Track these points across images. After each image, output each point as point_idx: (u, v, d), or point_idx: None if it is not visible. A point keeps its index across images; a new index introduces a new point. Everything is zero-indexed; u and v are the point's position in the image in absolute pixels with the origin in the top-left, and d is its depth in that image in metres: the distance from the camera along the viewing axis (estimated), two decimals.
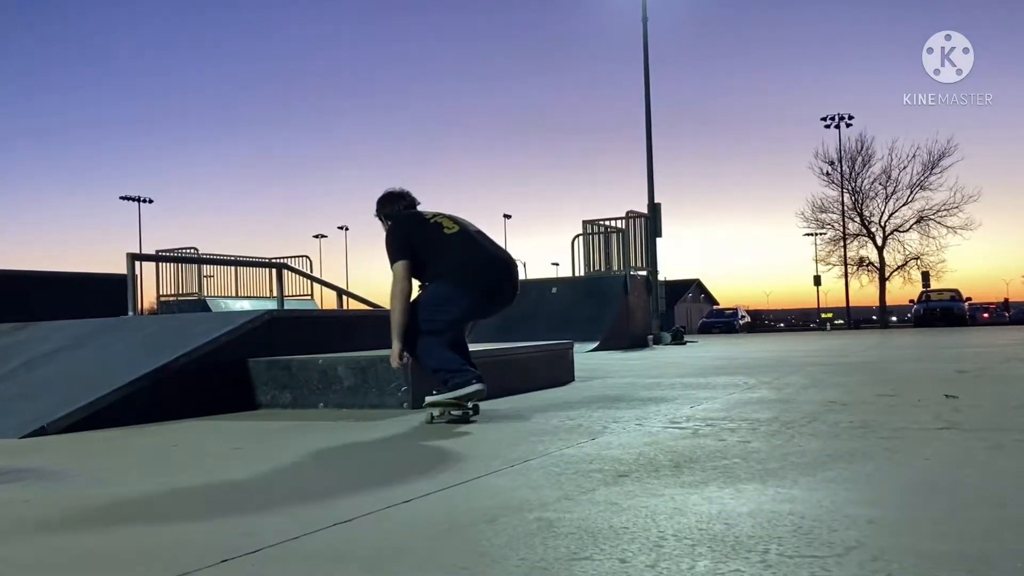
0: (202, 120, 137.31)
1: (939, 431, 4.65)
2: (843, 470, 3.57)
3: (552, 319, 18.77)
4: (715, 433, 4.81)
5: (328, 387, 7.00)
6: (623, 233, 21.85)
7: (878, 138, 63.88)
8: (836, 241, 60.85)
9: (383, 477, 3.83)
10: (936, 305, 46.52)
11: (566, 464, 3.94)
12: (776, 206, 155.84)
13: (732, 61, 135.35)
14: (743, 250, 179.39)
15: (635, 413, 5.97)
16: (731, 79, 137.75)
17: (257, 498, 3.46)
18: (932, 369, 9.54)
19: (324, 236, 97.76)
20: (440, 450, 4.61)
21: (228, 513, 3.19)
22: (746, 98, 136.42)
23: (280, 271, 18.25)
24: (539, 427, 5.37)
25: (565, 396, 7.55)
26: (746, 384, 8.10)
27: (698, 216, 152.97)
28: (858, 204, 60.16)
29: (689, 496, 3.15)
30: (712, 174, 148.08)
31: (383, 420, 6.07)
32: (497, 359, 7.89)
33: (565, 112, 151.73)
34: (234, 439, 5.35)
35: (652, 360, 13.92)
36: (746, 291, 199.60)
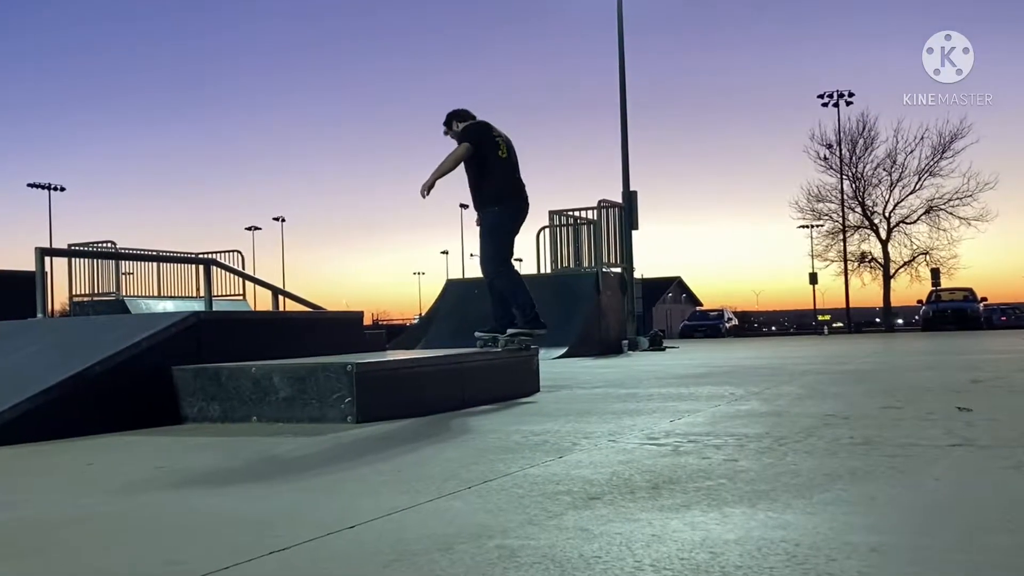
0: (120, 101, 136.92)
1: (951, 448, 4.66)
2: (842, 492, 3.56)
3: None
4: (698, 450, 4.81)
5: (262, 398, 6.95)
6: (595, 225, 21.87)
7: (882, 118, 63.87)
8: (835, 234, 61.03)
9: (324, 499, 3.79)
10: (947, 306, 46.46)
11: (530, 485, 3.92)
12: (767, 195, 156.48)
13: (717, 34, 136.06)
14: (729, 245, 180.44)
15: (608, 428, 5.95)
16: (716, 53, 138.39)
17: (182, 522, 3.42)
18: (943, 378, 9.58)
19: (258, 228, 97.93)
20: (388, 469, 4.58)
21: (150, 540, 3.15)
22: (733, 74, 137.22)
23: (208, 268, 18.10)
24: (500, 443, 5.34)
25: (529, 408, 7.53)
26: (733, 395, 8.11)
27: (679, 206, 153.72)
28: (859, 192, 60.33)
29: (669, 521, 3.13)
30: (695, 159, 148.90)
31: (324, 435, 6.02)
32: (451, 367, 7.86)
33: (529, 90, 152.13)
34: (156, 457, 5.29)
35: (627, 368, 13.93)
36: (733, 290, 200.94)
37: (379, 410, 6.76)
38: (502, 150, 9.23)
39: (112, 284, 26.50)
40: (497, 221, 9.30)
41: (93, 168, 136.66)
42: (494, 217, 9.30)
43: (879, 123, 60.54)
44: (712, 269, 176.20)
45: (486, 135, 9.24)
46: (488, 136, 9.24)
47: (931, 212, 58.56)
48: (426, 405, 7.22)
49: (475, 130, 9.26)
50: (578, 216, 22.20)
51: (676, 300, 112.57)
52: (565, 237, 22.16)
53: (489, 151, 9.18)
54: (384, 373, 7.08)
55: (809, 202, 61.32)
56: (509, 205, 9.30)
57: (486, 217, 9.36)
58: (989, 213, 57.18)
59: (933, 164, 57.92)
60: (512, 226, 9.40)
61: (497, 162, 9.20)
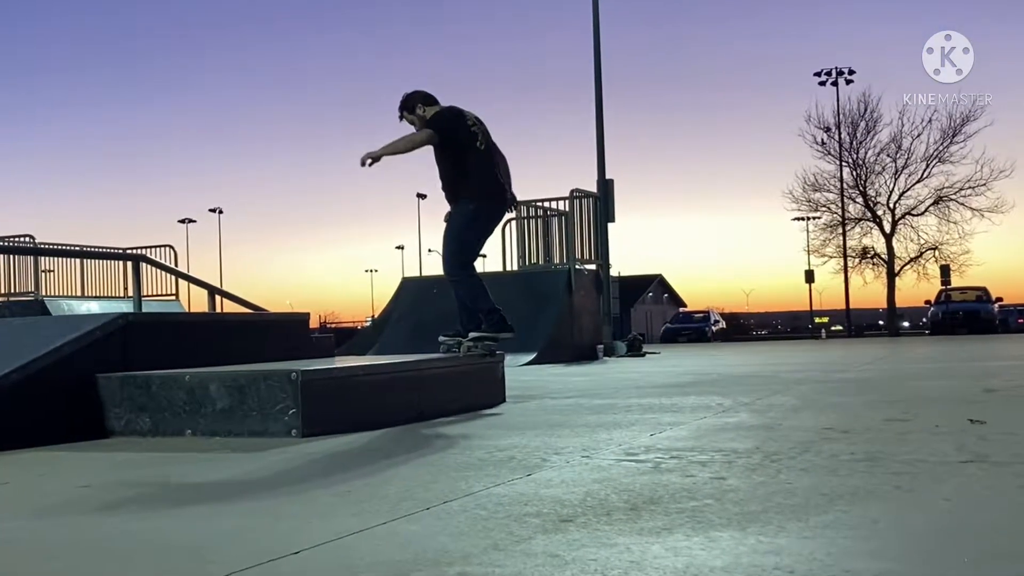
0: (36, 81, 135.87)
1: (962, 465, 4.68)
2: (842, 514, 3.57)
3: None
4: (682, 467, 4.81)
5: (197, 410, 6.91)
6: (567, 217, 21.87)
7: (886, 98, 63.65)
8: (833, 227, 60.95)
9: (266, 522, 3.77)
10: (958, 307, 46.53)
11: (495, 506, 3.91)
12: (758, 184, 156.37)
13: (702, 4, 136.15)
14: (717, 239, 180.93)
15: (581, 442, 5.95)
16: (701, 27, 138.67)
17: (111, 549, 3.39)
18: (953, 387, 9.64)
19: (192, 221, 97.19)
20: (337, 489, 4.56)
21: (74, 570, 3.12)
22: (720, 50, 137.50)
23: (137, 264, 18.08)
24: (461, 460, 5.34)
25: (494, 421, 7.53)
26: (720, 406, 8.13)
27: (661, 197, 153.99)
28: (861, 180, 60.21)
29: (649, 546, 3.13)
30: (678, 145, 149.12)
31: (266, 451, 6.00)
32: (407, 375, 7.85)
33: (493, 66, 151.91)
34: (80, 475, 5.26)
35: (603, 376, 13.96)
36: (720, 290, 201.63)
37: (327, 423, 6.74)
38: (480, 141, 9.01)
39: (30, 283, 26.34)
40: (469, 220, 9.08)
41: (6, 155, 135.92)
42: (467, 216, 9.06)
43: (883, 104, 60.10)
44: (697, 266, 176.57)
45: (461, 126, 9.00)
46: (463, 127, 9.00)
47: (940, 203, 58.35)
48: (379, 417, 7.19)
49: (447, 119, 9.02)
50: (548, 207, 22.18)
51: (657, 301, 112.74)
52: (534, 230, 22.18)
53: (467, 143, 8.95)
54: (333, 382, 7.06)
55: (805, 191, 61.16)
56: (488, 206, 9.11)
57: (459, 213, 9.11)
58: (1005, 204, 56.80)
59: (943, 149, 57.58)
60: (485, 228, 9.30)
61: (477, 156, 8.99)
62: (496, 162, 9.16)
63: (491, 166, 9.08)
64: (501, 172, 9.18)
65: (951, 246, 58.44)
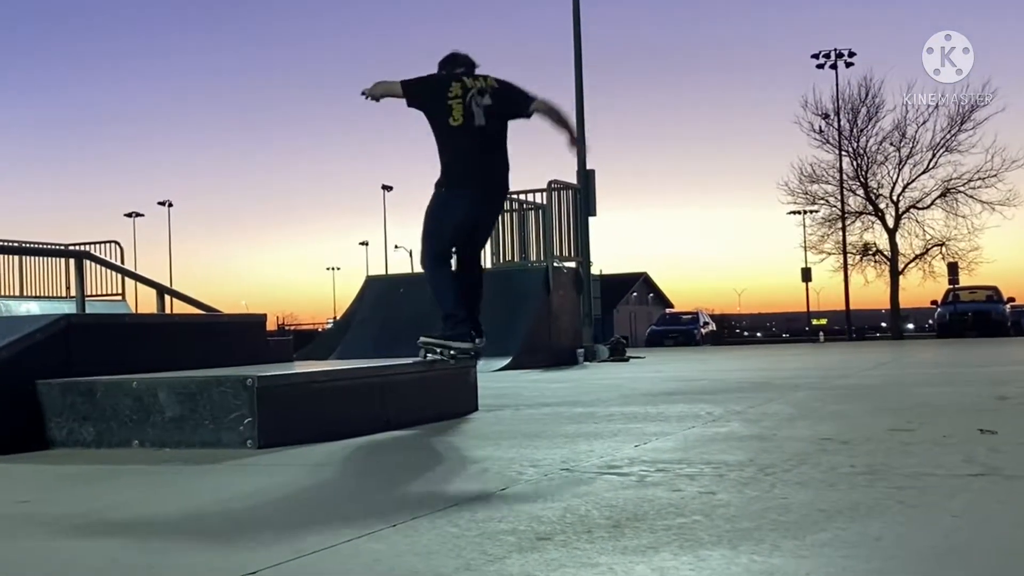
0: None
1: (972, 478, 4.69)
2: (842, 531, 3.57)
3: None
4: (668, 481, 4.81)
5: (145, 419, 6.89)
6: (544, 210, 21.86)
7: (889, 82, 63.54)
8: (832, 222, 60.97)
9: (219, 541, 3.76)
10: (968, 308, 46.40)
11: (467, 523, 3.90)
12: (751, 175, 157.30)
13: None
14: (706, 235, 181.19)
15: (560, 454, 5.95)
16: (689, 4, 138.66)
17: (47, 569, 3.38)
18: (962, 395, 9.66)
19: (140, 215, 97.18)
20: (297, 504, 4.56)
21: None
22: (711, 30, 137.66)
23: (80, 262, 17.97)
24: (430, 473, 5.34)
25: (466, 431, 7.54)
26: (710, 415, 8.14)
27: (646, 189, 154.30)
28: (862, 171, 60.14)
29: (633, 566, 3.13)
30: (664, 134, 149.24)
31: (219, 463, 6.00)
32: (372, 381, 7.85)
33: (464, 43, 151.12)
34: (16, 490, 5.25)
35: (583, 382, 13.97)
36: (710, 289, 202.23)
37: (285, 433, 6.72)
38: (454, 115, 8.74)
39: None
40: (436, 205, 9.03)
41: None
42: (435, 200, 9.01)
43: (885, 88, 60.04)
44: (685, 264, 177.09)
45: (435, 93, 8.83)
46: (436, 95, 8.80)
47: (948, 195, 58.25)
48: (341, 427, 7.18)
49: (422, 84, 8.95)
50: (524, 200, 22.15)
51: (642, 301, 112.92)
52: (509, 225, 22.12)
53: (437, 115, 8.84)
54: (291, 388, 7.06)
55: (801, 183, 61.13)
56: (457, 190, 8.93)
57: (432, 197, 9.05)
58: (1017, 196, 56.68)
59: (950, 137, 57.46)
60: (456, 217, 8.98)
61: (449, 131, 8.83)
62: (486, 139, 8.94)
63: (472, 143, 8.86)
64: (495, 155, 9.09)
65: (959, 242, 58.49)
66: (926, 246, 59.39)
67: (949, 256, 58.25)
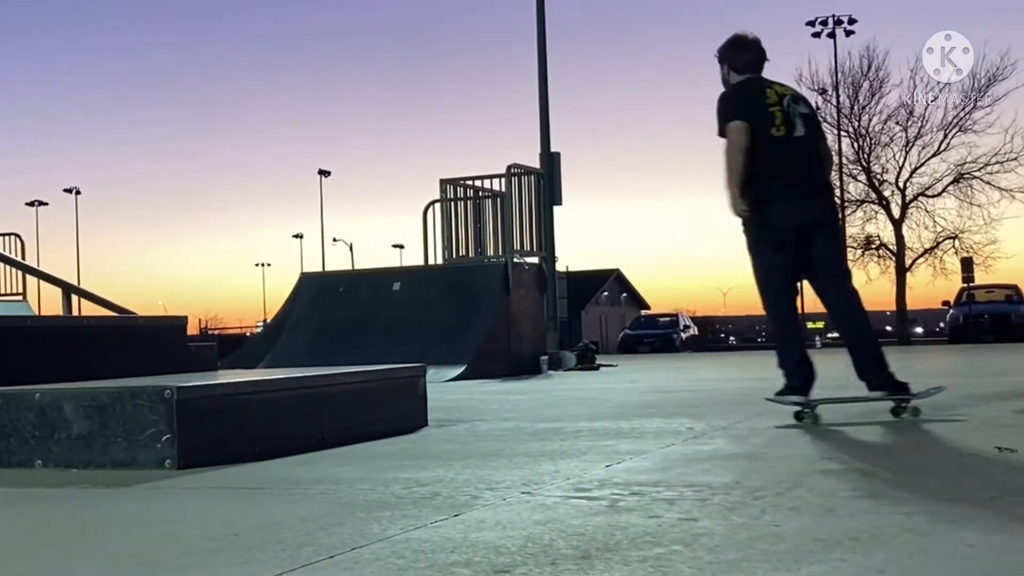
0: None
1: (989, 501, 4.71)
2: (841, 563, 3.57)
3: (393, 331, 18.63)
4: (644, 506, 4.82)
5: (49, 435, 6.86)
6: (504, 199, 21.79)
7: (894, 53, 63.19)
8: None
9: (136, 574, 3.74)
10: (984, 309, 46.27)
11: (414, 554, 3.90)
12: None
13: None
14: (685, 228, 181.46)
15: (521, 475, 5.96)
16: None
17: None
18: (978, 408, 9.71)
19: (44, 204, 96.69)
20: (222, 533, 4.53)
21: None
22: None
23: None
24: (373, 497, 5.33)
25: (413, 448, 7.53)
26: (691, 431, 8.16)
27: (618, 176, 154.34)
28: (864, 154, 59.77)
29: None
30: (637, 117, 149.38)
31: (133, 486, 5.97)
32: (307, 392, 7.83)
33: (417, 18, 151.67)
34: None
35: (547, 394, 13.99)
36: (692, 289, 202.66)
37: (209, 451, 6.71)
38: (777, 124, 8.21)
39: None
40: (750, 241, 8.65)
41: None
42: (748, 236, 8.60)
43: (890, 61, 59.86)
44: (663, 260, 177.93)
45: (754, 103, 8.29)
46: (757, 104, 8.28)
47: (961, 181, 57.68)
48: (273, 444, 7.18)
49: (736, 99, 8.42)
50: (481, 187, 22.10)
51: (614, 301, 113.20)
52: (463, 215, 22.07)
53: (758, 128, 8.16)
54: (216, 401, 7.04)
55: None
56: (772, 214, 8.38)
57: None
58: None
59: (964, 116, 56.98)
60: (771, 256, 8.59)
61: (767, 144, 8.20)
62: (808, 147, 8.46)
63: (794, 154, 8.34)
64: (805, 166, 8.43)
65: (974, 234, 57.93)
66: (936, 239, 58.98)
67: (963, 250, 57.85)
